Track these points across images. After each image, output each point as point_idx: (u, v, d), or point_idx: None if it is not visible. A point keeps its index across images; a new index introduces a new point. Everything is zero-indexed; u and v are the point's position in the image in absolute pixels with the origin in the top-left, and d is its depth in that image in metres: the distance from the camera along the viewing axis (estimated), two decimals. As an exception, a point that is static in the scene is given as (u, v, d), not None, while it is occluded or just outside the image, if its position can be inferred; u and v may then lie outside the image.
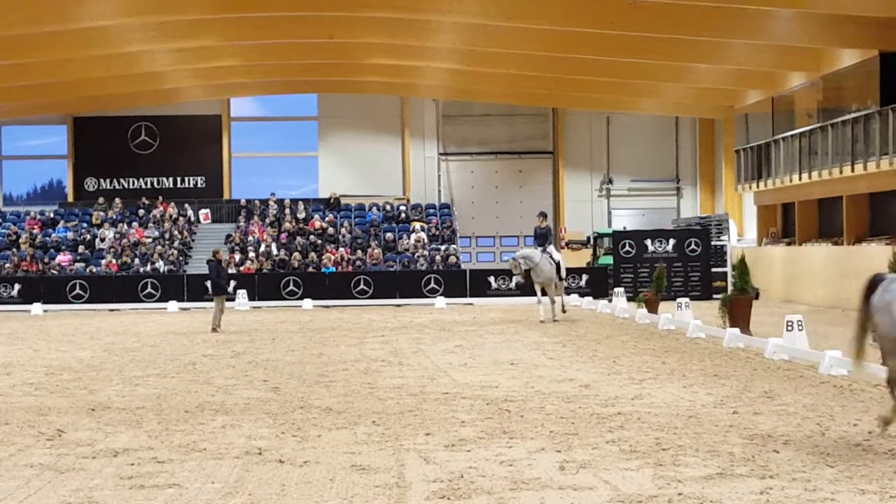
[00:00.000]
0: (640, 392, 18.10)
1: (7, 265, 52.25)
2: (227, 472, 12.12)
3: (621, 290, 43.25)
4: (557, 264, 35.46)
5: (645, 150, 60.98)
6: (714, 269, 49.40)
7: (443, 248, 53.92)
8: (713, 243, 50.22)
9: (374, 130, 60.83)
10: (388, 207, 57.93)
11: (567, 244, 58.86)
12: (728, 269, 47.01)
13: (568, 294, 40.30)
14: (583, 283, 49.82)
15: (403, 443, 13.73)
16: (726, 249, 50.27)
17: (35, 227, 56.02)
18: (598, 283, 49.75)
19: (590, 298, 45.84)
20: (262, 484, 11.48)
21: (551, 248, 36.01)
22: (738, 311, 28.73)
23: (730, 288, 35.17)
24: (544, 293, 36.05)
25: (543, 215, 36.77)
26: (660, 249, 48.49)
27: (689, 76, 48.32)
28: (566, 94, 54.75)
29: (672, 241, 48.85)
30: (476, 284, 49.96)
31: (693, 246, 48.53)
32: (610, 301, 43.14)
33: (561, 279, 36.02)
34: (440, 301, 48.15)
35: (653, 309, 36.19)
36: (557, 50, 44.48)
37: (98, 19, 39.33)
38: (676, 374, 20.62)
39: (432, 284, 49.75)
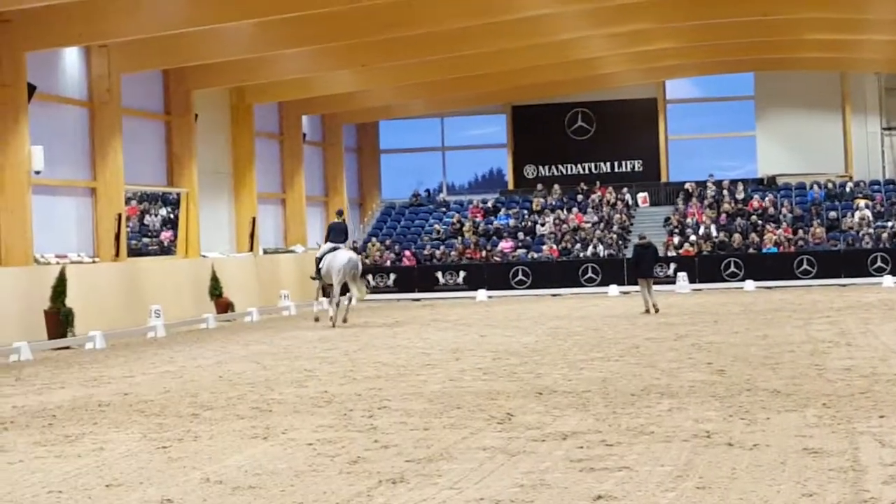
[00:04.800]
0: None
1: (452, 253, 53.83)
2: (676, 454, 12.05)
3: None
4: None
5: None
6: None
7: (889, 224, 52.12)
8: None
9: (813, 107, 59.27)
10: (829, 185, 56.41)
11: None
12: None
13: None
14: None
15: (856, 425, 13.33)
16: None
17: (478, 215, 57.46)
18: None
19: None
20: (711, 467, 11.35)
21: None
22: None
23: None
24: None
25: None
26: None
27: None
28: None
29: None
30: (926, 262, 48.12)
31: None
32: None
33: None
34: (888, 280, 46.63)
35: None
36: None
37: (534, 9, 39.89)
38: None
39: (878, 263, 48.22)
